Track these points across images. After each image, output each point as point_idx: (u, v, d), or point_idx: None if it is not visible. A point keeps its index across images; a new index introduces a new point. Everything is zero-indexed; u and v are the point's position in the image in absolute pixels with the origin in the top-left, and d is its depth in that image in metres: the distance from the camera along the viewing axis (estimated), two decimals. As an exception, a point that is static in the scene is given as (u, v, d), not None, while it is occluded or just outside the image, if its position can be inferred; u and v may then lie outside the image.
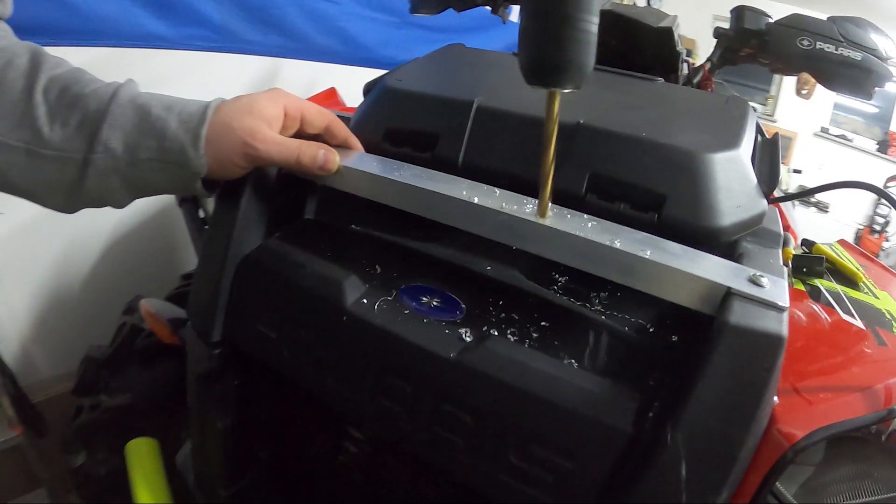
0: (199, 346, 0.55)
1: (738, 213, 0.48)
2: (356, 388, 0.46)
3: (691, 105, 0.67)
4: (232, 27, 1.30)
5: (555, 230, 0.43)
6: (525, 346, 0.43)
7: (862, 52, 0.87)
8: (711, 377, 0.35)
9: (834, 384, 0.50)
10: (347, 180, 0.51)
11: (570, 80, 0.38)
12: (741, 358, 0.35)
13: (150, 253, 1.37)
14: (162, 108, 0.45)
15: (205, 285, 0.54)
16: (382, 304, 0.46)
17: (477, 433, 0.42)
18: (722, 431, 0.35)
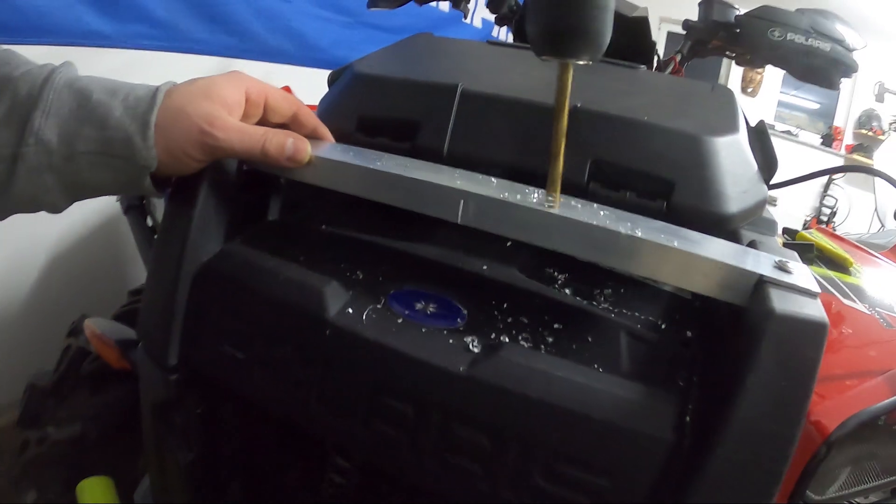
0: (153, 371, 0.47)
1: (744, 199, 0.46)
2: (346, 414, 0.39)
3: (679, 91, 0.65)
4: (179, 25, 1.23)
5: (569, 220, 0.38)
6: (543, 353, 0.38)
7: (830, 44, 0.88)
8: (760, 372, 0.32)
9: (855, 371, 0.50)
10: (321, 173, 0.44)
11: (586, 51, 0.35)
12: (789, 348, 0.32)
13: (95, 268, 1.28)
14: (104, 92, 0.39)
15: (157, 300, 0.46)
16: (371, 314, 0.39)
17: (496, 457, 0.36)
18: (774, 430, 0.32)
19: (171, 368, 0.45)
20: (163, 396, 0.47)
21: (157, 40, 1.20)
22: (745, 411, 0.32)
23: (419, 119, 0.50)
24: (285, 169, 0.44)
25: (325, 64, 1.57)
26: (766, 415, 0.32)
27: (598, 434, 0.35)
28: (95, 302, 1.12)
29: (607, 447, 0.35)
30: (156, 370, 0.46)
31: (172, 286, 0.44)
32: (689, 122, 0.49)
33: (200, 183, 0.44)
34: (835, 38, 0.89)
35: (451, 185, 0.39)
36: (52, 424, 0.81)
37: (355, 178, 0.43)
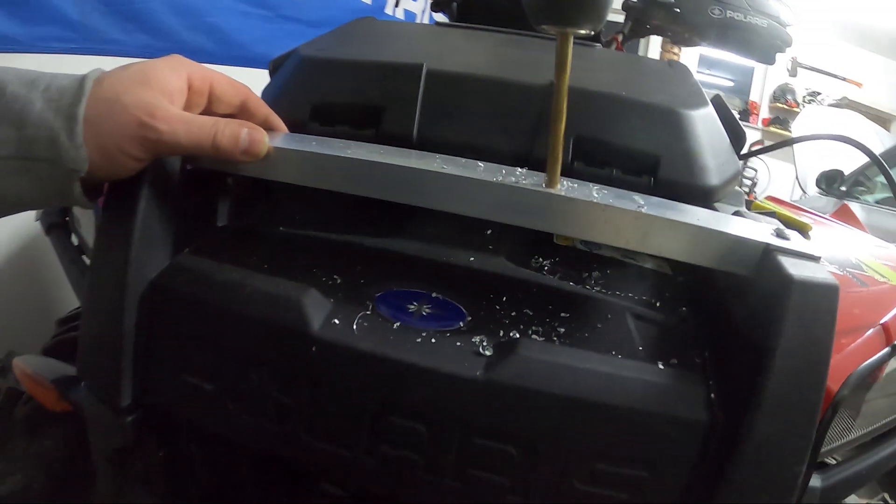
0: (104, 413, 0.40)
1: (723, 171, 0.45)
2: (346, 442, 0.34)
3: (641, 68, 0.64)
4: (92, 25, 1.13)
5: (572, 200, 0.34)
6: (561, 346, 0.35)
7: (767, 20, 0.89)
8: (786, 340, 0.31)
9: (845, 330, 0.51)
10: (281, 166, 0.39)
11: (589, 19, 0.32)
12: (810, 313, 0.31)
13: (16, 298, 1.14)
14: (21, 83, 0.33)
15: (99, 331, 0.39)
16: (361, 321, 0.34)
17: (526, 465, 0.33)
18: (802, 395, 0.31)
19: (124, 409, 0.38)
20: (118, 441, 0.40)
21: (71, 42, 1.10)
22: (776, 381, 0.31)
23: (382, 103, 0.46)
24: (239, 165, 0.38)
25: (247, 62, 1.48)
26: (794, 382, 0.31)
27: (633, 424, 0.32)
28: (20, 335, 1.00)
29: (644, 437, 0.33)
30: (106, 412, 0.39)
31: (117, 312, 0.37)
32: (665, 96, 0.48)
33: (140, 187, 0.37)
34: (771, 14, 0.90)
35: (439, 171, 0.35)
36: (-9, 479, 0.70)
37: (325, 169, 0.38)
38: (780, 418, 0.31)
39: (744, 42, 0.91)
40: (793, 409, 0.31)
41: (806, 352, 0.31)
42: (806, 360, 0.31)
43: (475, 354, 0.33)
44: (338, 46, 0.53)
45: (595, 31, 0.33)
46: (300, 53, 0.50)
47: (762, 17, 0.89)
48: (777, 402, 0.31)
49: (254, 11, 1.52)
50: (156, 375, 0.38)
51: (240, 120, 0.38)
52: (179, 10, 1.30)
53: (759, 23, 0.89)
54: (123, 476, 0.41)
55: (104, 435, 0.41)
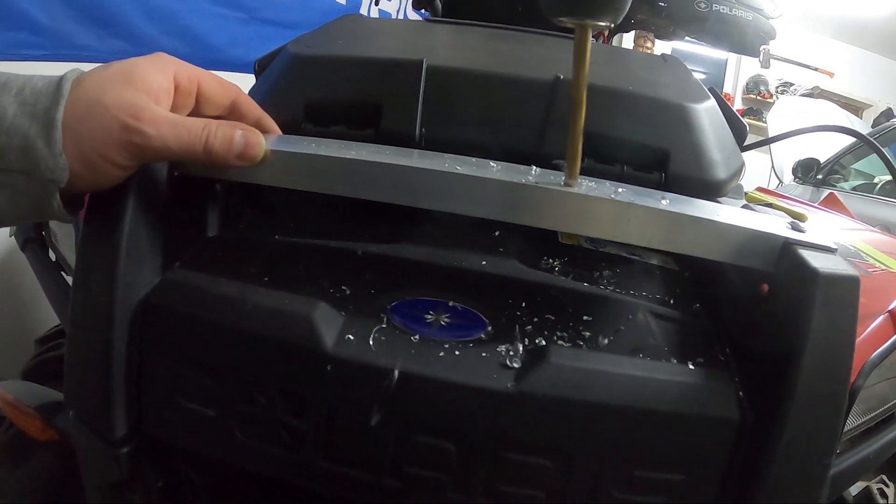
0: (96, 445, 0.36)
1: (730, 164, 0.45)
2: (367, 466, 0.31)
3: (638, 62, 0.63)
4: (63, 31, 1.09)
5: (594, 198, 0.33)
6: (591, 351, 0.33)
7: (752, 13, 0.90)
8: (815, 335, 0.30)
9: None
10: (279, 171, 0.36)
11: (609, 11, 0.31)
12: (835, 308, 0.31)
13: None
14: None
15: (86, 355, 0.36)
16: (378, 336, 0.31)
17: (563, 476, 0.32)
18: (831, 389, 0.31)
19: (118, 441, 0.35)
20: (113, 475, 0.37)
21: (42, 49, 1.06)
22: (807, 376, 0.30)
23: (382, 101, 0.43)
24: (232, 170, 0.35)
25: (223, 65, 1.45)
26: (823, 376, 0.31)
27: (668, 427, 0.32)
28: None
29: (680, 439, 0.32)
30: (98, 444, 0.36)
31: (105, 335, 0.34)
32: (669, 90, 0.47)
33: (125, 197, 0.34)
34: (755, 7, 0.90)
35: (452, 171, 0.33)
36: (-24, 510, 0.66)
37: (327, 172, 0.35)
38: (810, 413, 0.31)
39: (729, 35, 0.92)
40: (821, 403, 0.31)
41: (832, 345, 0.31)
42: (832, 353, 0.31)
43: (503, 366, 0.31)
44: (328, 43, 0.51)
45: (615, 23, 0.31)
46: (290, 51, 0.48)
47: (747, 10, 0.90)
48: (807, 398, 0.31)
49: (229, 14, 1.49)
50: (151, 402, 0.35)
51: (232, 122, 0.35)
52: (153, 14, 1.27)
53: (744, 16, 0.89)
54: (120, 509, 0.38)
55: (98, 467, 0.37)
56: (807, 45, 5.33)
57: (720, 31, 0.91)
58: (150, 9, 1.26)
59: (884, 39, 5.22)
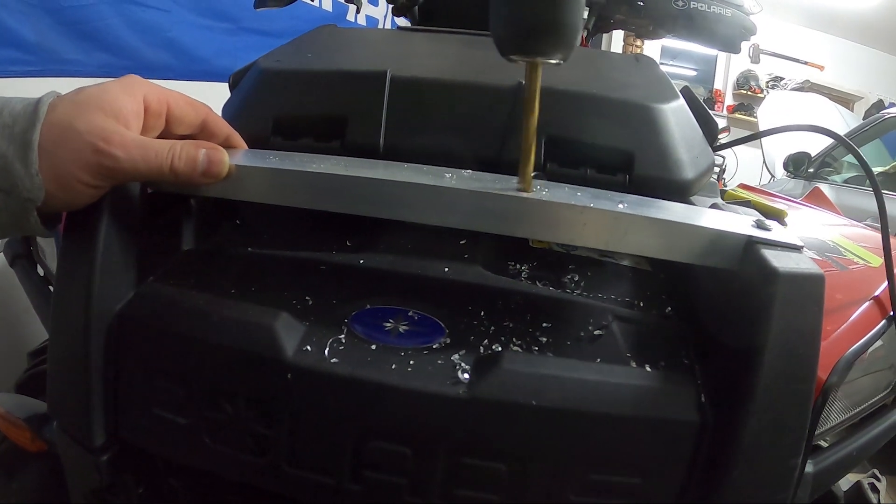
0: (78, 453, 0.38)
1: (697, 164, 0.45)
2: (328, 470, 0.32)
3: (608, 64, 0.63)
4: (50, 46, 1.10)
5: (548, 203, 0.34)
6: (544, 356, 0.34)
7: (731, 9, 0.90)
8: (775, 335, 0.30)
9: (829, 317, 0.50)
10: (245, 185, 0.37)
11: (559, 48, 0.31)
12: (797, 306, 0.30)
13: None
14: None
15: (65, 367, 0.37)
16: (336, 345, 0.33)
17: (517, 481, 0.32)
18: (793, 389, 0.31)
19: (98, 448, 0.37)
20: (94, 482, 0.38)
21: (29, 65, 1.07)
22: (767, 377, 0.30)
23: (346, 113, 0.44)
24: (200, 187, 0.37)
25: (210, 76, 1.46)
26: (784, 376, 0.30)
27: (624, 431, 0.32)
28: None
29: (637, 443, 0.32)
30: (80, 451, 0.37)
31: (82, 347, 0.36)
32: (635, 91, 0.47)
33: (99, 214, 0.36)
34: (734, 3, 0.90)
35: (408, 182, 0.34)
36: (-29, 522, 0.67)
37: (290, 186, 0.36)
38: (772, 414, 0.31)
39: (708, 32, 0.91)
40: (785, 403, 0.31)
41: (795, 345, 0.30)
42: (795, 353, 0.30)
43: (457, 371, 0.32)
44: (298, 57, 0.52)
45: (565, 58, 0.32)
46: (259, 66, 0.49)
47: (725, 6, 0.89)
48: (769, 398, 0.30)
49: (215, 25, 1.50)
50: (128, 411, 0.36)
51: (197, 141, 0.36)
52: (138, 27, 1.28)
53: (722, 12, 0.89)
54: (102, 516, 0.39)
55: (80, 474, 0.39)
56: (796, 40, 5.35)
57: (699, 29, 0.91)
58: (136, 22, 1.27)
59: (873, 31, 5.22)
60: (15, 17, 1.02)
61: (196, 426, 0.34)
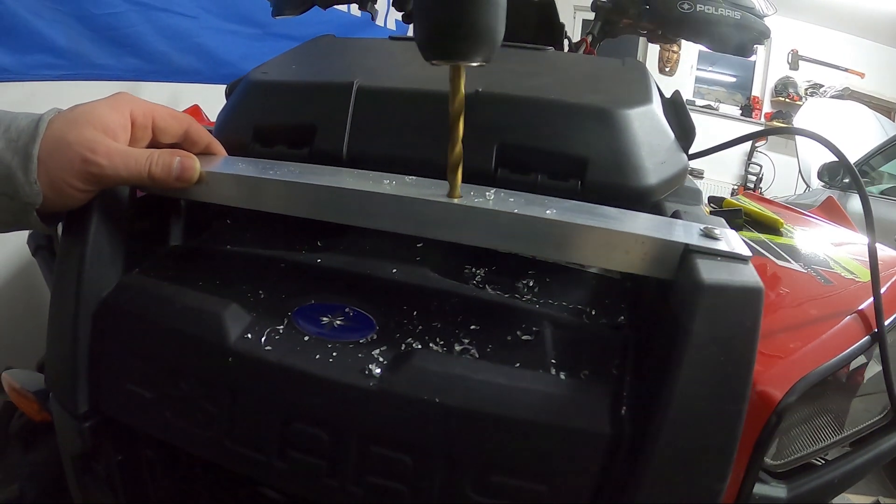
0: (66, 419, 0.43)
1: (662, 170, 0.45)
2: (260, 446, 0.36)
3: (589, 68, 0.64)
4: (82, 51, 1.18)
5: (474, 209, 0.35)
6: (459, 357, 0.36)
7: (740, 12, 0.89)
8: (695, 348, 0.30)
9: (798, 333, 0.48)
10: (214, 189, 0.42)
11: (478, 52, 0.32)
12: (724, 319, 0.30)
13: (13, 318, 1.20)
14: None
15: (59, 344, 0.43)
16: (273, 335, 0.37)
17: (421, 474, 0.34)
18: (718, 408, 0.30)
19: (82, 416, 0.42)
20: (79, 446, 0.44)
21: (61, 69, 1.15)
22: (684, 392, 0.30)
23: (315, 122, 0.48)
24: (178, 190, 0.42)
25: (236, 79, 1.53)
26: (707, 393, 0.30)
27: (527, 437, 0.32)
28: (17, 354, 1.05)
29: (539, 450, 0.32)
30: (68, 419, 0.43)
31: (72, 327, 0.41)
32: (599, 96, 0.47)
33: (90, 214, 0.41)
34: (744, 6, 0.90)
35: (342, 187, 0.37)
36: (-11, 488, 0.76)
37: (247, 189, 0.41)
38: (691, 434, 0.30)
39: (717, 36, 0.90)
40: (707, 423, 0.30)
41: (721, 361, 0.30)
42: (721, 369, 0.30)
43: (373, 365, 0.35)
44: (283, 68, 0.56)
45: (487, 60, 0.33)
46: (248, 78, 0.54)
47: (734, 9, 0.89)
48: (687, 417, 0.30)
49: (242, 30, 1.57)
50: (107, 384, 0.42)
51: (173, 150, 0.41)
52: (167, 33, 1.36)
53: (731, 15, 0.89)
54: (87, 477, 0.45)
55: (68, 439, 0.44)
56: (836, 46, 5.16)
57: (707, 32, 0.90)
58: (164, 28, 1.34)
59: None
60: (48, 23, 1.10)
61: (159, 401, 0.39)
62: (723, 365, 0.30)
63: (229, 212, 0.51)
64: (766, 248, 0.65)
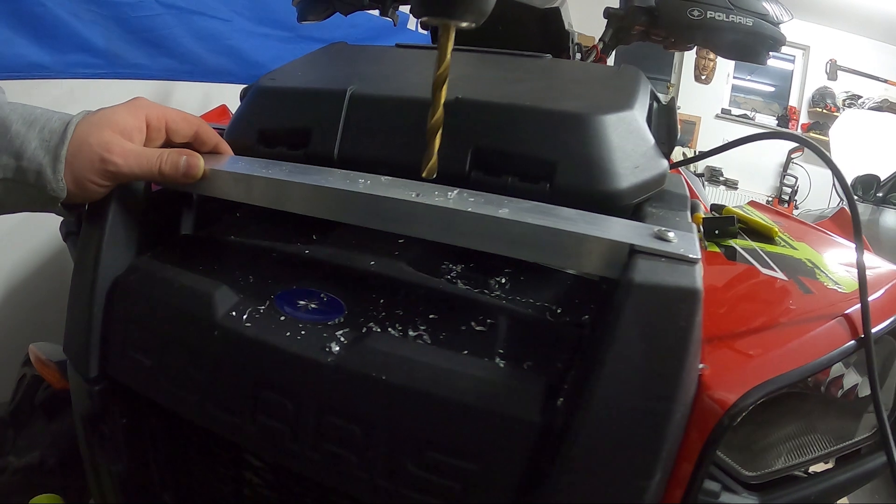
0: (80, 383, 0.50)
1: (636, 174, 0.46)
2: (235, 409, 0.41)
3: (579, 75, 0.66)
4: (118, 51, 1.27)
5: (434, 207, 0.39)
6: (410, 341, 0.40)
7: (753, 18, 0.89)
8: (622, 345, 0.31)
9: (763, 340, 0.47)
10: (216, 185, 0.48)
11: (469, 10, 0.34)
12: (653, 319, 0.31)
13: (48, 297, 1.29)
14: (23, 123, 0.43)
15: (76, 316, 0.50)
16: (254, 314, 0.42)
17: (368, 445, 0.38)
18: (643, 406, 0.31)
19: (93, 380, 0.49)
20: (89, 408, 0.50)
21: (98, 68, 1.23)
22: (607, 387, 0.31)
23: (311, 126, 0.53)
24: (185, 185, 0.48)
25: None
26: (632, 391, 0.31)
27: (461, 418, 0.35)
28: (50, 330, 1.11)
29: (472, 431, 0.35)
30: (81, 382, 0.50)
31: (88, 301, 0.48)
32: (575, 102, 0.49)
33: (108, 206, 0.48)
34: (757, 12, 0.89)
35: (320, 185, 0.42)
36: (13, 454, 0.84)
37: (243, 186, 0.47)
38: (615, 427, 0.31)
39: (728, 43, 0.91)
40: (633, 420, 0.31)
41: (648, 360, 0.31)
42: (649, 367, 0.31)
43: (334, 343, 0.39)
44: (290, 75, 0.62)
45: (477, 23, 0.35)
46: (258, 83, 0.59)
47: (746, 15, 0.89)
48: (610, 412, 0.31)
49: (273, 33, 1.64)
50: (114, 352, 0.48)
51: (181, 149, 0.47)
52: (200, 35, 1.43)
53: (742, 21, 0.89)
54: (95, 437, 0.51)
55: (80, 401, 0.51)
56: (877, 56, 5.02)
57: (719, 39, 0.91)
58: (198, 30, 1.42)
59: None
60: (86, 25, 1.18)
61: (156, 367, 0.45)
62: (650, 364, 0.31)
63: (238, 205, 0.56)
64: (754, 256, 0.65)
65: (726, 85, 5.47)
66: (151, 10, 1.29)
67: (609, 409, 0.31)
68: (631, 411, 0.31)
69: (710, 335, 0.45)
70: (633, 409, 0.31)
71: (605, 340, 0.32)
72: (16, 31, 1.08)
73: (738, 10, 0.89)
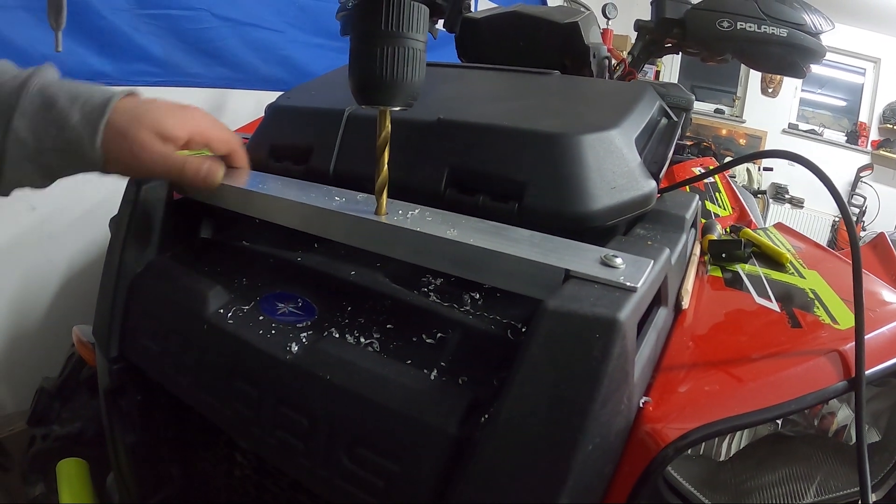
0: (103, 361, 0.60)
1: (612, 195, 0.47)
2: (215, 394, 0.49)
3: (578, 92, 0.67)
4: (175, 61, 1.38)
5: (388, 226, 0.44)
6: (360, 347, 0.45)
7: (788, 28, 0.87)
8: (530, 370, 0.32)
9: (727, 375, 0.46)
10: (224, 196, 0.55)
11: (398, 99, 0.41)
12: (565, 347, 0.32)
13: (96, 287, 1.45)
14: (67, 98, 0.47)
15: (103, 304, 0.60)
16: (238, 312, 0.49)
17: (312, 435, 0.43)
18: (549, 431, 0.32)
19: (113, 359, 0.58)
20: (109, 384, 0.60)
21: (156, 76, 1.36)
22: (511, 411, 0.32)
23: (312, 144, 0.60)
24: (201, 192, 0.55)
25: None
26: (538, 417, 0.32)
27: (388, 421, 0.39)
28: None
29: (396, 434, 0.38)
30: (104, 360, 0.59)
31: (112, 294, 0.58)
32: (552, 121, 0.51)
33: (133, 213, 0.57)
34: (792, 22, 0.87)
35: (299, 201, 0.49)
36: (57, 423, 0.97)
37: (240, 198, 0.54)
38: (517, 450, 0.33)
39: (761, 54, 0.89)
40: (536, 444, 0.32)
41: (555, 387, 0.31)
42: (556, 394, 0.31)
43: (295, 344, 0.45)
44: (303, 94, 0.69)
45: (407, 107, 0.41)
46: (275, 102, 0.67)
47: (780, 26, 0.87)
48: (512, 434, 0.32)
49: (326, 43, 1.72)
50: (130, 338, 0.58)
51: (205, 156, 0.53)
52: (255, 46, 1.54)
53: (776, 33, 0.87)
54: (114, 410, 0.61)
55: (103, 377, 0.61)
56: None
57: (751, 51, 0.89)
58: (252, 41, 1.53)
59: None
60: (145, 37, 1.31)
61: (159, 353, 0.54)
62: (558, 391, 0.32)
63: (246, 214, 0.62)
64: (755, 283, 0.62)
65: (794, 98, 5.16)
66: (207, 23, 1.41)
67: (513, 431, 0.33)
68: (535, 435, 0.32)
69: (673, 364, 0.46)
70: (540, 434, 0.32)
71: (516, 365, 0.33)
72: (79, 42, 1.21)
73: (772, 21, 0.87)
